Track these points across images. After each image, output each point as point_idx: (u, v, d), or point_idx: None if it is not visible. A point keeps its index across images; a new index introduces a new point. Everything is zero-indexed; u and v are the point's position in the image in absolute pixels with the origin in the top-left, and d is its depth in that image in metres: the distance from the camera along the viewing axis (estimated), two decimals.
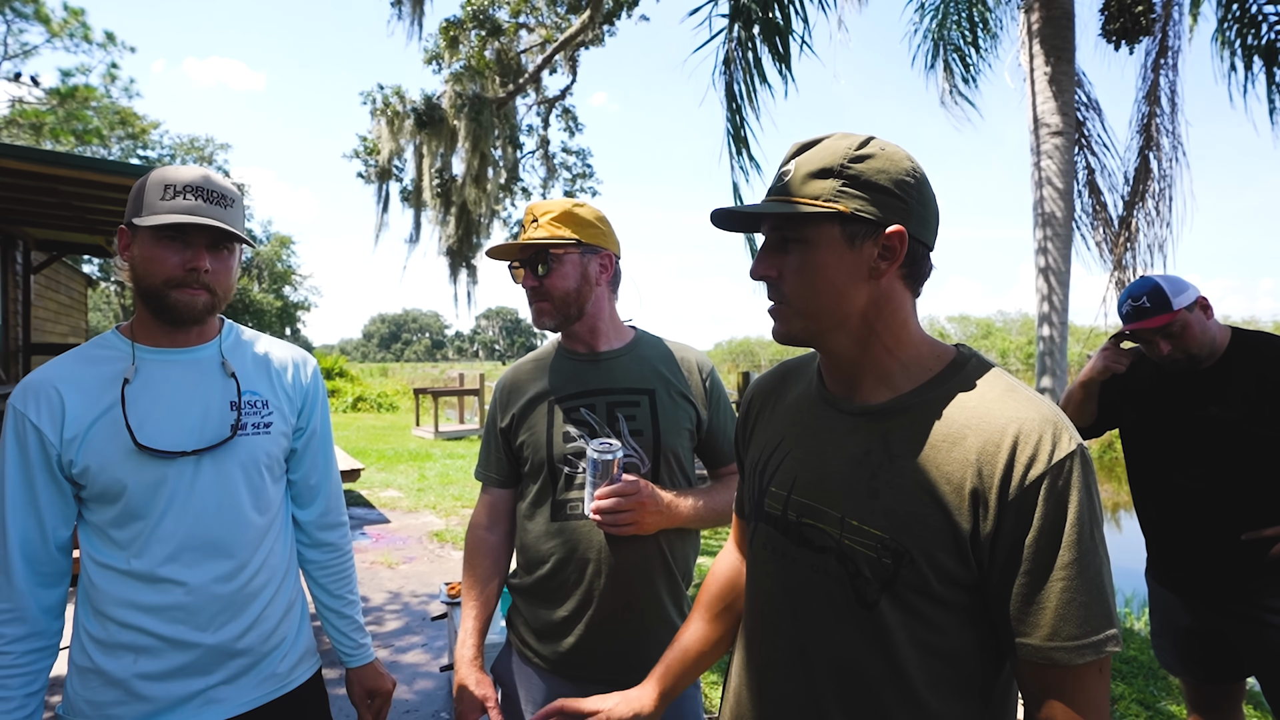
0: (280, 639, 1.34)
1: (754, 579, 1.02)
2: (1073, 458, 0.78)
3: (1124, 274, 4.29)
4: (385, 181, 10.06)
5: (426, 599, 4.63)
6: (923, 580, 0.82)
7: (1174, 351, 1.94)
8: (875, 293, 0.89)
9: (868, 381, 0.93)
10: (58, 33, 22.28)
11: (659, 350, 1.54)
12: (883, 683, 0.85)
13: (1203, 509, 1.94)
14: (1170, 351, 1.95)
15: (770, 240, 0.94)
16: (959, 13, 5.03)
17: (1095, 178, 4.52)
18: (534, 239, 1.44)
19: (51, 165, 5.48)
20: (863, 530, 0.85)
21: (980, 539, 0.80)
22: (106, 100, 23.44)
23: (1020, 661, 0.80)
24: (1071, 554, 0.76)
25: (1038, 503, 0.77)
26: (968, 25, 5.02)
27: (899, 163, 0.88)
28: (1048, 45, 4.15)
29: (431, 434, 13.82)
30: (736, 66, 4.50)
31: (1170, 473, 2.01)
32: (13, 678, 1.17)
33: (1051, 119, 4.06)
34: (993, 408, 0.83)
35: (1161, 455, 2.04)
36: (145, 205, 1.20)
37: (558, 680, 1.44)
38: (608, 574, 1.39)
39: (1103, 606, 0.77)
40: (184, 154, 26.50)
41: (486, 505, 1.57)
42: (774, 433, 1.04)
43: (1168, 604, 2.12)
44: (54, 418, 1.18)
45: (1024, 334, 28.95)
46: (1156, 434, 2.05)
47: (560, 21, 9.75)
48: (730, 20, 4.46)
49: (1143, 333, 1.98)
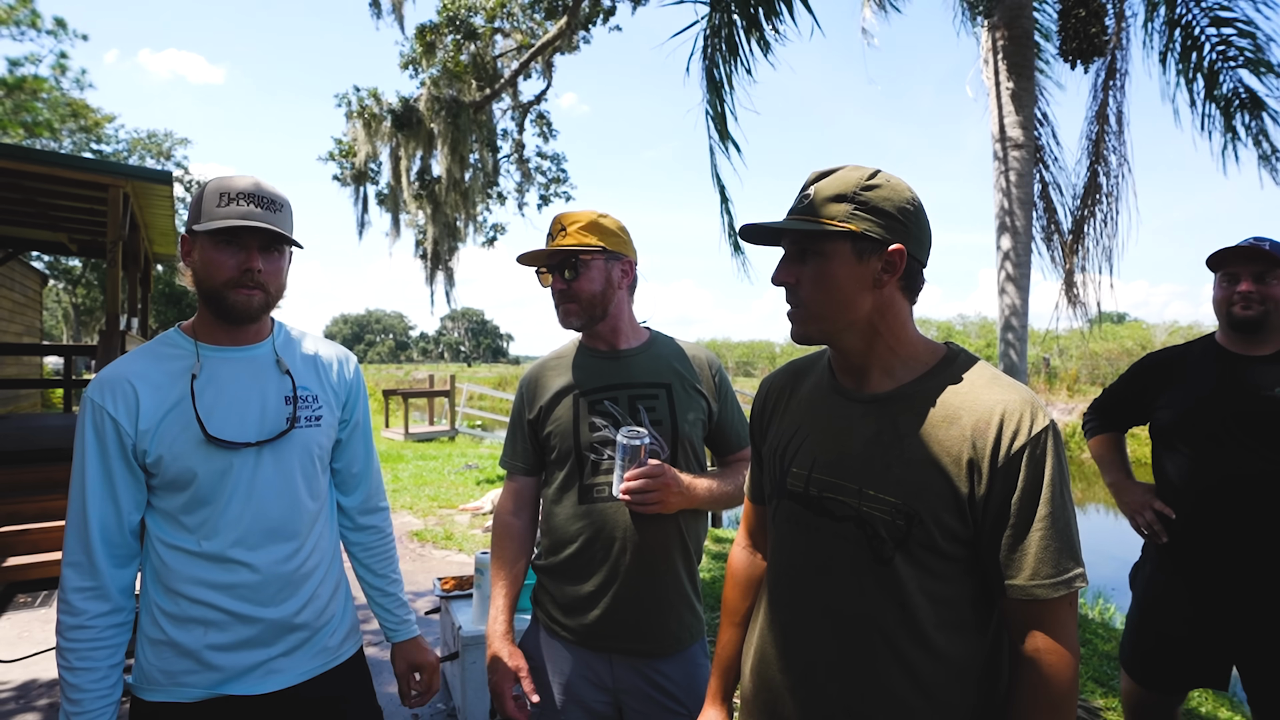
0: (331, 615, 1.45)
1: (778, 549, 1.18)
2: (1047, 431, 0.97)
3: (1075, 281, 4.58)
4: (362, 184, 10.02)
5: (413, 596, 4.69)
6: (930, 537, 0.99)
7: (1251, 296, 1.95)
8: (879, 300, 1.06)
9: (874, 374, 1.10)
10: (4, 19, 21.45)
11: (672, 348, 1.69)
12: (897, 627, 1.01)
13: (1265, 492, 1.89)
14: (1247, 292, 1.95)
15: (790, 252, 1.10)
16: None
17: (1048, 190, 4.81)
18: (563, 246, 1.57)
19: (19, 161, 5.39)
20: (879, 498, 1.02)
21: (976, 500, 0.98)
22: (57, 92, 22.64)
23: (1007, 600, 0.98)
24: (1047, 509, 0.95)
25: (1020, 468, 0.96)
26: None
27: (902, 193, 1.06)
28: (1010, 62, 4.42)
29: (402, 435, 13.75)
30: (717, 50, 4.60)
31: (1227, 459, 1.94)
32: (98, 649, 1.26)
33: (1013, 132, 4.32)
34: (981, 393, 1.02)
35: (1218, 442, 1.97)
36: (204, 213, 1.30)
37: (584, 651, 1.57)
38: (633, 550, 1.53)
39: (1071, 549, 0.96)
40: (141, 149, 25.76)
41: (513, 492, 1.70)
42: (791, 421, 1.20)
43: (1169, 595, 2.07)
44: (129, 410, 1.27)
45: (983, 337, 29.86)
46: (1214, 420, 1.98)
47: (536, 27, 9.85)
48: (710, 7, 4.60)
49: (1244, 257, 1.98)
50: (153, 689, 1.30)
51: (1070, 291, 4.63)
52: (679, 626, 1.57)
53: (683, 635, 1.58)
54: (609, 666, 1.56)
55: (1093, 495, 12.49)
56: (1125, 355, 21.74)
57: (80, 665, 1.24)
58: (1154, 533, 2.09)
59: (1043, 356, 20.68)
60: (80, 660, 1.24)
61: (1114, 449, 2.35)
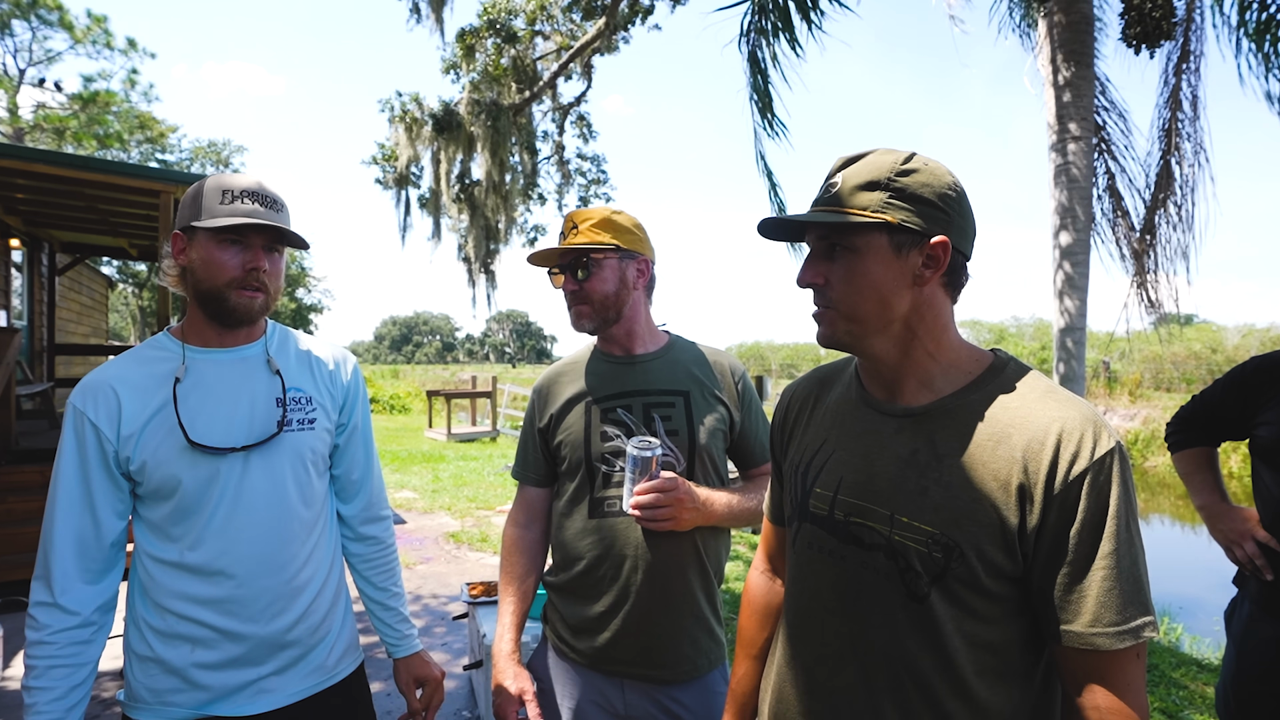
0: (326, 631, 1.38)
1: (798, 577, 1.05)
2: (1112, 454, 0.83)
3: (1146, 278, 4.28)
4: (404, 187, 10.15)
5: (445, 599, 4.67)
6: (971, 573, 0.85)
7: None
8: (918, 299, 0.93)
9: (909, 384, 0.96)
10: (81, 39, 22.67)
11: (693, 353, 1.57)
12: (933, 673, 0.88)
13: None
14: None
15: (817, 249, 0.97)
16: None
17: (1115, 182, 4.51)
18: (574, 244, 1.47)
19: (79, 169, 5.60)
20: (913, 526, 0.89)
21: (1027, 532, 0.84)
22: (127, 105, 23.79)
23: (1063, 648, 0.84)
24: (1111, 544, 0.81)
25: (1081, 497, 0.82)
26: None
27: (941, 177, 0.92)
28: (1067, 50, 4.17)
29: (444, 436, 13.91)
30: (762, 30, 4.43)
31: None
32: (55, 668, 1.18)
33: (1071, 124, 4.07)
34: (1035, 408, 0.87)
35: None
36: (204, 209, 1.24)
37: (594, 675, 1.47)
38: (644, 570, 1.42)
39: (1140, 594, 0.81)
40: (202, 157, 26.83)
41: (523, 503, 1.61)
42: (815, 435, 1.07)
43: (1272, 643, 1.81)
44: (111, 416, 1.22)
45: (1038, 339, 28.77)
46: None
47: (575, 29, 9.83)
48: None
49: None
50: (140, 707, 1.25)
51: (1141, 290, 4.33)
52: (695, 652, 1.45)
53: (700, 661, 1.46)
54: (620, 692, 1.46)
55: (1155, 506, 11.86)
56: (1193, 359, 20.66)
57: (36, 684, 1.17)
58: (1256, 567, 1.85)
59: (1102, 360, 19.78)
60: (38, 679, 1.17)
61: (1205, 466, 2.09)
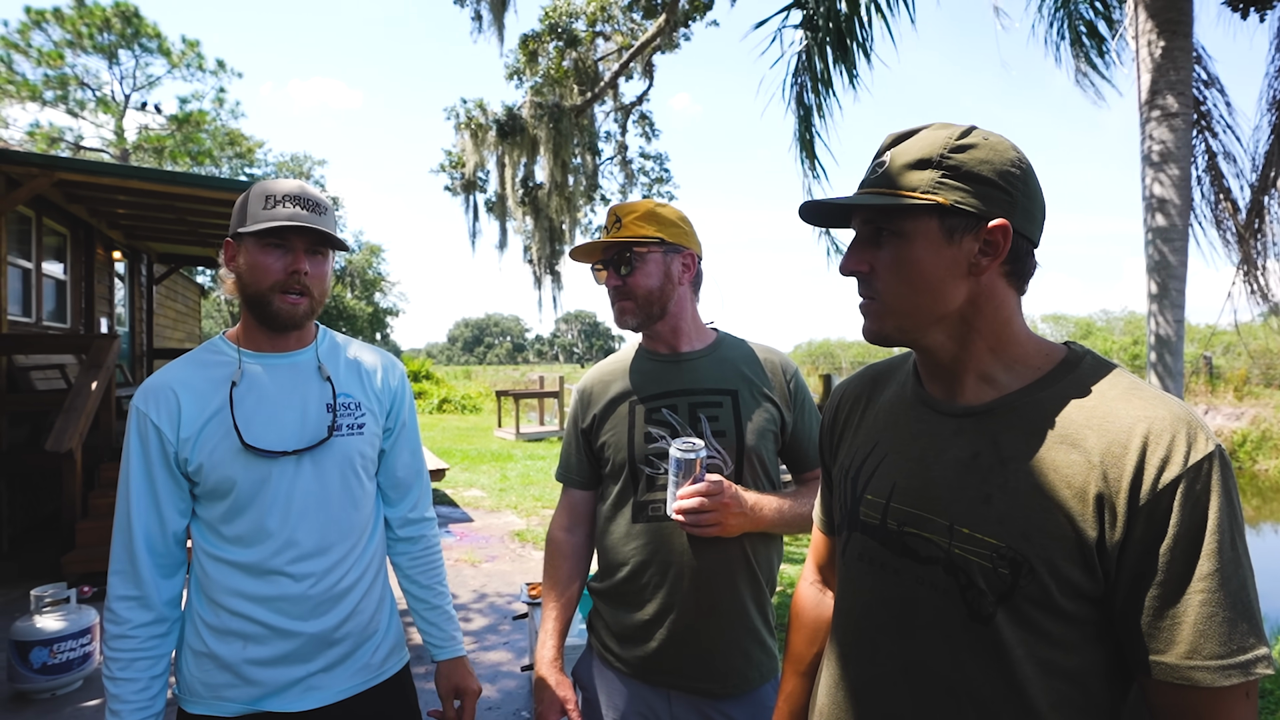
0: (374, 630, 1.39)
1: (848, 592, 0.97)
2: (1211, 459, 0.72)
3: (1254, 265, 3.91)
4: (471, 192, 10.39)
5: (510, 598, 4.73)
6: (1044, 592, 0.76)
7: None
8: (975, 290, 0.84)
9: (970, 381, 0.87)
10: (177, 64, 24.31)
11: (742, 351, 1.50)
12: (999, 704, 0.78)
13: None
14: None
15: (862, 234, 0.89)
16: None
17: (1218, 162, 4.14)
18: (617, 238, 1.43)
19: (170, 184, 5.98)
20: (975, 538, 0.80)
21: (1107, 547, 0.74)
22: (217, 123, 25.36)
23: (1154, 682, 0.73)
24: (1212, 564, 0.70)
25: (1173, 508, 0.71)
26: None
27: (1003, 153, 0.83)
28: (1160, 19, 3.84)
29: (513, 435, 14.16)
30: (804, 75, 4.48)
31: None
32: (139, 660, 1.25)
33: (1165, 99, 3.75)
34: (1115, 406, 0.77)
35: None
36: (249, 216, 1.28)
37: (639, 685, 1.42)
38: (690, 577, 1.36)
39: (1249, 622, 0.70)
40: (286, 170, 28.35)
41: (567, 507, 1.58)
42: (866, 437, 0.99)
43: None
44: (171, 417, 1.26)
45: (1129, 333, 26.98)
46: None
47: (635, 28, 9.82)
48: (802, 28, 4.44)
49: None
50: (195, 701, 1.28)
51: (1248, 278, 3.95)
52: (746, 664, 1.39)
53: (751, 674, 1.39)
54: (667, 703, 1.40)
55: (1268, 513, 10.89)
56: None
57: (122, 675, 1.23)
58: None
59: (1203, 355, 18.36)
60: (122, 670, 1.23)
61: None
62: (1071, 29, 4.92)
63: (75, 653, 3.38)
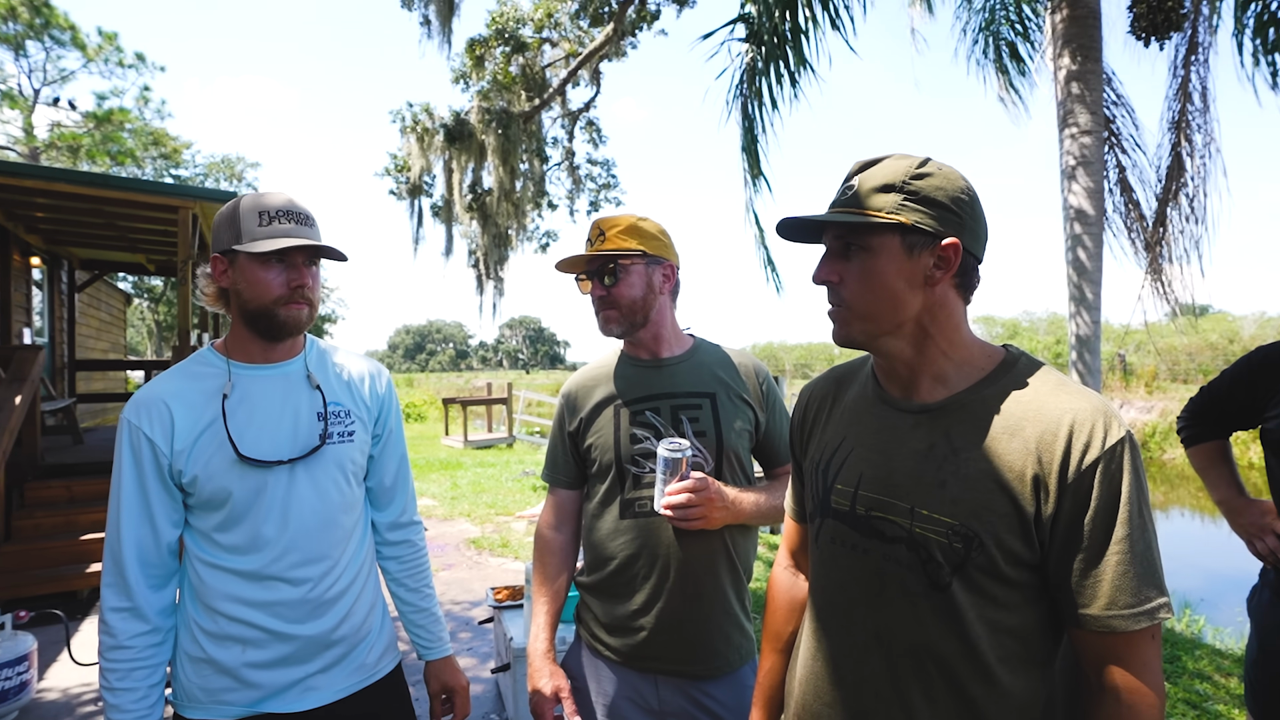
0: (367, 631, 1.43)
1: (822, 572, 1.09)
2: (1123, 443, 0.87)
3: (1159, 270, 4.27)
4: (417, 197, 10.27)
5: (469, 605, 4.73)
6: (991, 562, 0.89)
7: None
8: (930, 299, 0.97)
9: (924, 381, 1.00)
10: (93, 57, 23.00)
11: (718, 356, 1.61)
12: (956, 660, 0.91)
13: None
14: None
15: (833, 248, 1.02)
16: (1007, 9, 5.15)
17: (1127, 175, 4.51)
18: (602, 251, 1.52)
19: (98, 187, 5.72)
20: (933, 519, 0.93)
21: (1042, 520, 0.88)
22: (140, 122, 24.11)
23: (1081, 631, 0.88)
24: (1124, 529, 0.85)
25: (1094, 485, 0.86)
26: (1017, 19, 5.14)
27: (955, 181, 0.96)
28: (1074, 44, 4.17)
29: (461, 443, 14.00)
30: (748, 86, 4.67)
31: None
32: (136, 670, 1.26)
33: (1080, 118, 4.07)
34: (1047, 400, 0.91)
35: None
36: (244, 232, 1.30)
37: (628, 671, 1.51)
38: (676, 568, 1.46)
39: (1153, 576, 0.85)
40: (216, 173, 27.18)
41: (554, 506, 1.66)
42: (834, 433, 1.11)
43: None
44: (165, 430, 1.28)
45: (1052, 333, 28.53)
46: None
47: (583, 35, 9.91)
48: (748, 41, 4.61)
49: None
50: (193, 706, 1.30)
51: (1155, 282, 4.32)
52: (727, 647, 1.50)
53: (731, 656, 1.50)
54: (654, 688, 1.50)
55: (1175, 499, 11.76)
56: (1209, 349, 20.46)
57: (120, 685, 1.25)
58: (1278, 560, 1.87)
59: (1118, 352, 19.61)
60: (120, 680, 1.25)
61: (1220, 460, 2.09)
62: (995, 49, 5.28)
63: (11, 682, 3.18)
